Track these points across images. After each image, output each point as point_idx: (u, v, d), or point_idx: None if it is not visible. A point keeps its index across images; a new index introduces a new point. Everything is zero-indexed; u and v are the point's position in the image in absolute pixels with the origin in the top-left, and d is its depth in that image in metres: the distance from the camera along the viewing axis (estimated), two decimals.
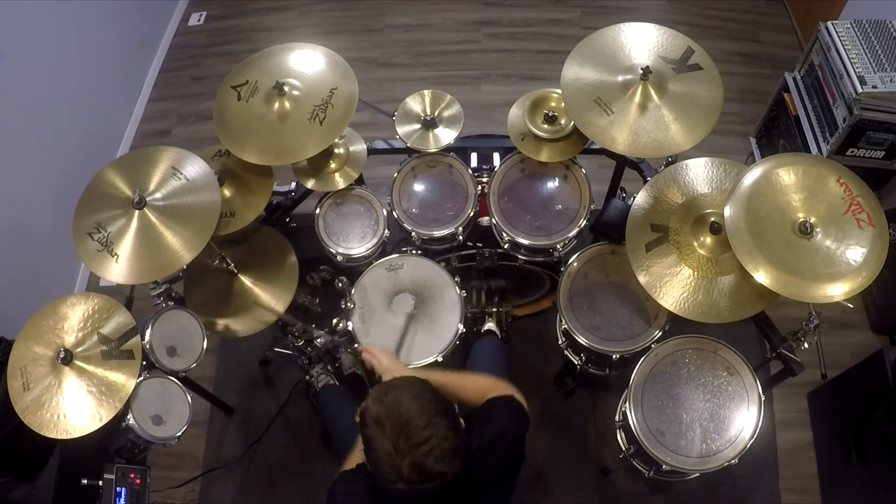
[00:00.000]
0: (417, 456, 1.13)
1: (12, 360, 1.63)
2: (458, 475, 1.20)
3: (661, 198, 1.85)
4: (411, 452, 1.14)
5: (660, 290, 1.75)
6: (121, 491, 1.69)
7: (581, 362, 2.16)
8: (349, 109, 1.92)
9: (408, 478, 1.14)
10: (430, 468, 1.14)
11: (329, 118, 1.91)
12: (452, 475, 1.17)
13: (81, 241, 1.74)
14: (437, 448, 1.14)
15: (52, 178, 2.90)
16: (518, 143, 2.05)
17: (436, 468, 1.14)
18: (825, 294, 1.55)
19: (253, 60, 2.03)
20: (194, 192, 1.78)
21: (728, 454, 1.76)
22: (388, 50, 3.88)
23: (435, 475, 1.15)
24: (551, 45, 3.80)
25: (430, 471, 1.14)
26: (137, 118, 3.71)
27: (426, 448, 1.14)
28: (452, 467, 1.16)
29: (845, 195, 1.61)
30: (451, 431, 1.18)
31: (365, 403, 1.22)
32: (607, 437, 2.47)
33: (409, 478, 1.14)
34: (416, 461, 1.13)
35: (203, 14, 4.18)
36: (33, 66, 2.83)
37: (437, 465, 1.14)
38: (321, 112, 1.91)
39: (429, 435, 1.14)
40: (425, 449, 1.14)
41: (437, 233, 2.09)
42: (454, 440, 1.17)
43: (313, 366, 2.39)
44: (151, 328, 1.74)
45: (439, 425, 1.16)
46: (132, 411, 1.65)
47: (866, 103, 2.35)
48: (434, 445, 1.14)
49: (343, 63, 2.00)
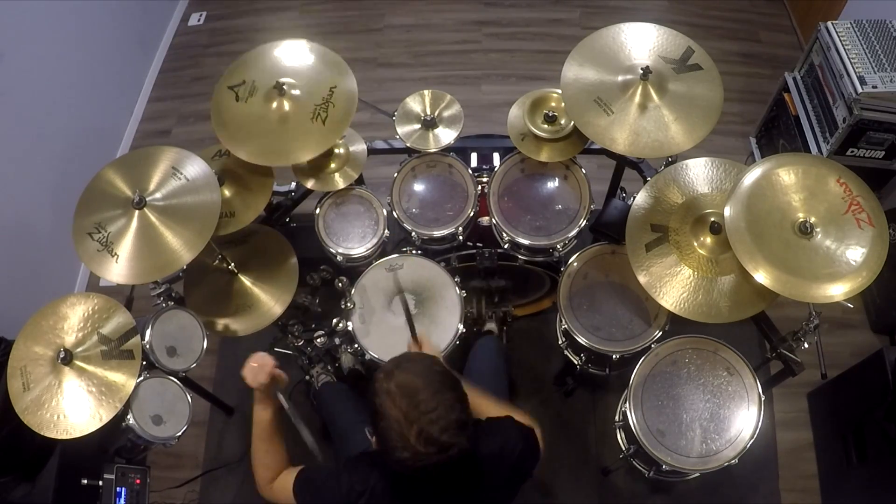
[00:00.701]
0: (424, 423, 1.17)
1: (12, 360, 1.63)
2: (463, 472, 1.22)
3: (661, 198, 1.85)
4: (419, 419, 1.17)
5: (660, 290, 1.75)
6: (121, 491, 1.69)
7: (581, 362, 2.16)
8: (350, 107, 1.92)
9: (414, 447, 1.17)
10: (437, 437, 1.17)
11: (331, 117, 1.90)
12: (458, 451, 1.19)
13: (81, 241, 1.74)
14: (443, 418, 1.17)
15: (52, 178, 2.90)
16: (518, 143, 2.05)
17: (442, 438, 1.17)
18: (825, 294, 1.55)
19: (247, 60, 2.01)
20: (194, 192, 1.78)
21: (728, 454, 1.76)
22: (388, 50, 3.88)
23: (441, 445, 1.17)
24: (551, 45, 3.80)
25: (435, 440, 1.17)
26: (137, 118, 3.71)
27: (433, 416, 1.17)
28: (458, 440, 1.19)
29: (845, 195, 1.61)
30: (459, 404, 1.21)
31: (377, 375, 1.26)
32: (607, 437, 2.46)
33: (415, 447, 1.17)
34: (423, 428, 1.17)
35: (203, 14, 4.18)
36: (33, 65, 2.83)
37: (443, 434, 1.17)
38: (322, 111, 1.91)
39: (436, 404, 1.18)
40: (432, 416, 1.17)
41: (437, 233, 2.09)
42: (460, 413, 1.21)
43: (313, 365, 2.39)
44: (151, 328, 1.74)
45: (446, 396, 1.20)
46: (132, 411, 1.65)
47: (866, 103, 2.35)
48: (440, 415, 1.17)
49: (340, 61, 2.00)
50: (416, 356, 1.31)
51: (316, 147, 1.90)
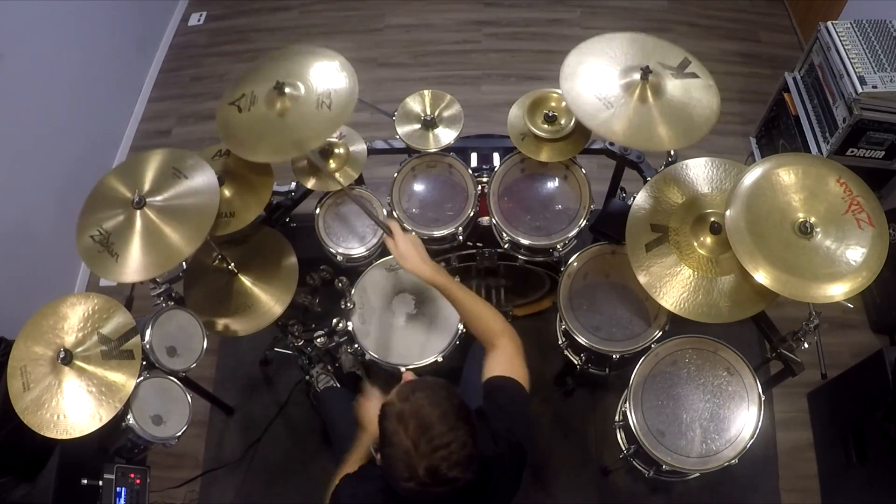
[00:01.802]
0: (435, 459, 1.14)
1: (12, 360, 1.63)
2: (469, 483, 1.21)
3: (661, 198, 1.85)
4: (430, 455, 1.14)
5: (660, 290, 1.75)
6: (121, 491, 1.69)
7: (581, 362, 2.16)
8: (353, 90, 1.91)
9: (421, 479, 1.15)
10: (445, 474, 1.15)
11: (336, 103, 1.90)
12: (464, 482, 1.18)
13: (82, 241, 1.74)
14: (454, 454, 1.15)
15: (52, 178, 2.90)
16: (518, 143, 2.05)
17: (450, 474, 1.15)
18: (825, 294, 1.55)
19: (242, 77, 2.03)
20: (194, 192, 1.78)
21: (728, 454, 1.76)
22: (388, 50, 3.88)
23: (448, 481, 1.15)
24: (551, 45, 3.80)
25: (444, 476, 1.15)
26: (137, 118, 3.71)
27: (444, 453, 1.14)
28: (465, 475, 1.17)
29: (845, 195, 1.61)
30: (471, 439, 1.19)
31: (389, 398, 1.23)
32: (607, 437, 2.46)
33: (422, 479, 1.15)
34: (433, 465, 1.14)
35: (203, 14, 4.18)
36: (33, 66, 2.84)
37: (453, 471, 1.15)
38: (326, 98, 1.91)
39: (449, 441, 1.15)
40: (443, 454, 1.14)
41: (437, 233, 2.09)
42: (472, 448, 1.18)
43: (313, 366, 2.39)
44: (151, 328, 1.74)
45: (461, 432, 1.17)
46: (132, 411, 1.65)
47: (866, 103, 2.35)
48: (452, 451, 1.15)
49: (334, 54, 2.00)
50: (433, 383, 1.25)
51: (327, 131, 1.90)
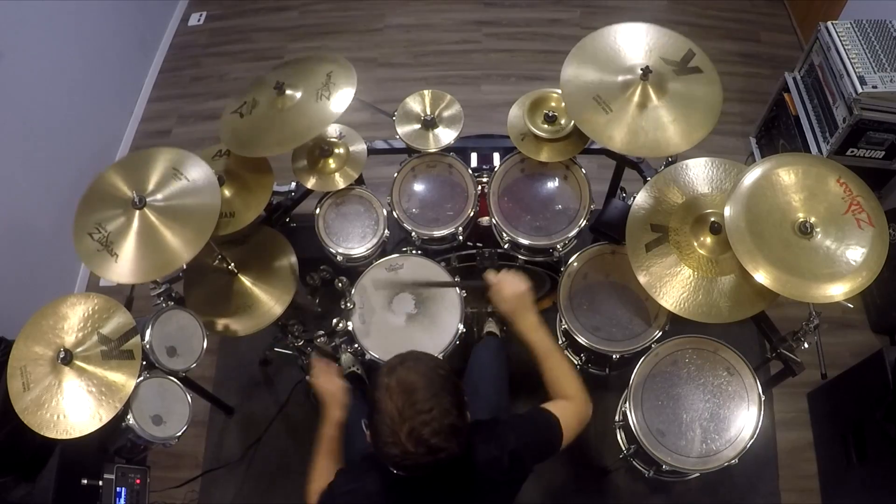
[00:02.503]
0: (416, 423, 1.17)
1: (12, 360, 1.63)
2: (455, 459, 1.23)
3: (661, 198, 1.85)
4: (412, 418, 1.17)
5: (660, 290, 1.75)
6: (121, 491, 1.69)
7: (581, 362, 2.16)
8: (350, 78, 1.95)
9: (404, 444, 1.17)
10: (427, 439, 1.17)
11: (335, 94, 1.93)
12: (446, 455, 1.19)
13: (81, 240, 1.74)
14: (436, 420, 1.17)
15: (52, 178, 2.90)
16: (518, 143, 2.05)
17: (432, 440, 1.17)
18: (825, 294, 1.55)
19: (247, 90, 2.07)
20: (194, 192, 1.78)
21: (728, 454, 1.76)
22: (388, 50, 3.88)
23: (431, 448, 1.17)
24: (551, 45, 3.80)
25: (425, 441, 1.17)
26: (137, 118, 3.71)
27: (426, 417, 1.17)
28: (448, 444, 1.19)
29: (845, 195, 1.61)
30: (455, 410, 1.21)
31: (381, 369, 1.26)
32: (607, 437, 2.46)
33: (404, 443, 1.17)
34: (414, 427, 1.17)
35: (203, 14, 4.18)
36: (33, 65, 2.83)
37: (434, 437, 1.17)
38: (325, 90, 1.93)
39: (431, 406, 1.18)
40: (425, 418, 1.17)
41: (437, 233, 2.09)
42: (455, 419, 1.20)
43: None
44: (151, 328, 1.74)
45: (444, 399, 1.20)
46: (132, 411, 1.65)
47: (866, 103, 2.35)
48: (434, 417, 1.17)
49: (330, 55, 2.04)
50: (422, 356, 1.29)
51: (328, 118, 1.92)
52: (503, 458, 1.39)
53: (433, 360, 1.28)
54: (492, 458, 1.38)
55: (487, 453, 1.38)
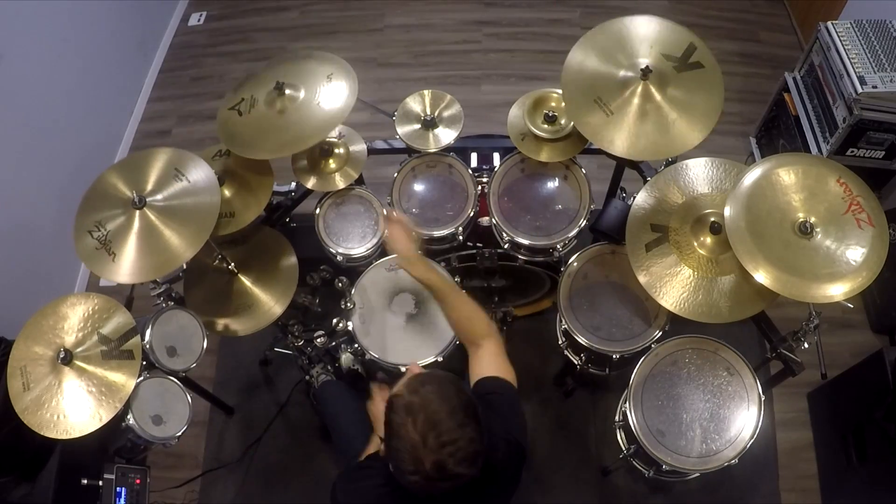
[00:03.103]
0: (442, 455, 1.14)
1: (12, 360, 1.63)
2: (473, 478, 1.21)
3: (661, 198, 1.85)
4: (437, 451, 1.15)
5: (660, 290, 1.75)
6: (121, 491, 1.69)
7: (581, 362, 2.16)
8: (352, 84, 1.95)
9: (427, 473, 1.15)
10: (451, 469, 1.15)
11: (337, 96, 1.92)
12: (469, 478, 1.18)
13: (81, 238, 1.74)
14: (461, 450, 1.15)
15: (52, 178, 2.90)
16: (518, 143, 2.05)
17: (456, 470, 1.15)
18: (825, 294, 1.55)
19: (243, 84, 2.05)
20: (194, 192, 1.78)
21: (728, 454, 1.76)
22: (388, 50, 3.88)
23: (454, 476, 1.16)
24: (551, 45, 3.80)
25: (450, 471, 1.15)
26: (137, 118, 3.71)
27: (452, 449, 1.15)
28: (471, 471, 1.18)
29: (845, 195, 1.61)
30: (478, 436, 1.19)
31: (398, 389, 1.23)
32: (607, 437, 2.46)
33: (428, 473, 1.15)
34: (440, 459, 1.14)
35: (203, 14, 4.18)
36: (33, 66, 2.83)
37: (458, 467, 1.15)
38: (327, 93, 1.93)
39: (457, 437, 1.15)
40: (451, 449, 1.15)
41: (437, 233, 2.09)
42: (478, 444, 1.18)
43: (313, 365, 2.39)
44: (151, 328, 1.74)
45: (468, 428, 1.17)
46: (132, 411, 1.65)
47: (866, 103, 2.35)
48: (460, 447, 1.15)
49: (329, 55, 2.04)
50: (443, 378, 1.25)
51: (331, 124, 1.92)
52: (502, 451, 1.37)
53: (454, 384, 1.24)
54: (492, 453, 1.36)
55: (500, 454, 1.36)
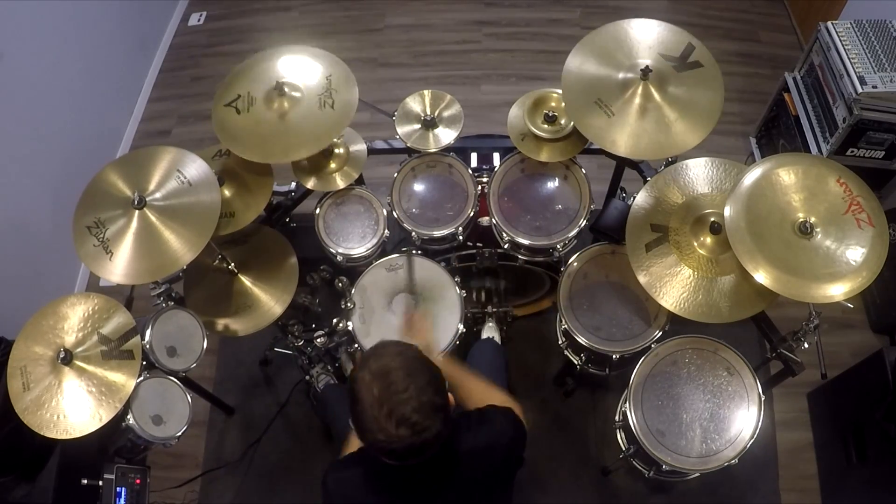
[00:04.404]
0: (395, 403, 1.17)
1: (12, 360, 1.63)
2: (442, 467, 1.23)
3: (661, 198, 1.85)
4: (390, 399, 1.17)
5: (660, 290, 1.75)
6: (121, 491, 1.69)
7: (581, 362, 2.16)
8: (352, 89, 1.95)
9: (385, 427, 1.17)
10: (408, 417, 1.16)
11: (338, 101, 1.92)
12: (431, 435, 1.19)
13: (80, 236, 1.74)
14: (414, 399, 1.17)
15: (52, 179, 2.90)
16: (518, 143, 2.05)
17: (413, 417, 1.16)
18: (825, 294, 1.55)
19: (233, 77, 2.04)
20: (194, 192, 1.78)
21: (728, 454, 1.76)
22: (388, 50, 3.88)
23: (413, 426, 1.17)
24: (551, 45, 3.80)
25: (407, 419, 1.16)
26: (137, 118, 3.71)
27: (404, 396, 1.17)
28: (432, 422, 1.19)
29: (845, 195, 1.61)
30: (431, 387, 1.21)
31: (356, 364, 1.28)
32: (607, 437, 2.47)
33: (386, 427, 1.17)
34: (394, 408, 1.16)
35: (203, 14, 4.18)
36: (33, 66, 2.83)
37: (414, 415, 1.17)
38: (328, 98, 1.92)
39: (407, 384, 1.18)
40: (403, 397, 1.17)
41: (437, 233, 2.09)
42: (434, 395, 1.20)
43: (313, 366, 2.39)
44: (151, 328, 1.74)
45: (419, 378, 1.20)
46: (132, 411, 1.65)
47: (866, 103, 2.35)
48: (412, 395, 1.17)
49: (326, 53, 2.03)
50: (391, 342, 1.31)
51: (336, 129, 1.92)
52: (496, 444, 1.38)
53: (403, 344, 1.29)
54: (483, 445, 1.37)
55: (477, 441, 1.37)
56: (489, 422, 1.42)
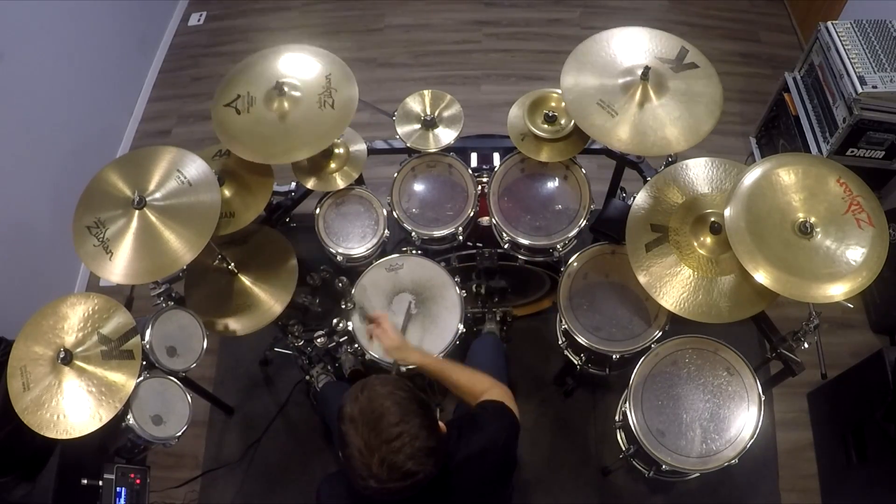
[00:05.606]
0: (387, 452, 1.12)
1: (12, 360, 1.63)
2: (434, 479, 1.19)
3: (661, 198, 1.85)
4: (381, 448, 1.12)
5: (660, 290, 1.75)
6: (121, 491, 1.69)
7: (581, 362, 2.16)
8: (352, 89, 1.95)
9: (377, 475, 1.13)
10: (401, 466, 1.12)
11: (338, 100, 1.92)
12: (424, 476, 1.15)
13: (80, 235, 1.74)
14: (407, 446, 1.13)
15: (52, 179, 2.90)
16: (518, 143, 2.05)
17: (406, 466, 1.13)
18: (825, 294, 1.55)
19: (232, 77, 2.04)
20: (194, 192, 1.78)
21: (728, 454, 1.76)
22: (388, 50, 3.88)
23: (405, 473, 1.13)
24: (551, 45, 3.80)
25: (399, 468, 1.12)
26: (137, 118, 3.71)
27: (396, 444, 1.12)
28: (424, 467, 1.15)
29: (845, 195, 1.61)
30: (424, 431, 1.16)
31: (342, 401, 1.21)
32: (607, 437, 2.47)
33: (378, 475, 1.13)
34: (386, 457, 1.12)
35: (203, 14, 4.18)
36: (33, 66, 2.83)
37: (408, 462, 1.13)
38: (327, 97, 1.92)
39: (399, 431, 1.13)
40: (396, 445, 1.12)
41: (437, 233, 2.09)
42: (427, 440, 1.16)
43: (313, 366, 2.39)
44: (151, 328, 1.74)
45: (411, 423, 1.15)
46: (132, 411, 1.65)
47: (866, 103, 2.35)
48: (405, 443, 1.13)
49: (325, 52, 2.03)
50: (381, 381, 1.23)
51: (336, 130, 1.92)
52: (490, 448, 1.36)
53: (393, 383, 1.22)
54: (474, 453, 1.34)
55: (467, 450, 1.34)
56: (481, 429, 1.40)
